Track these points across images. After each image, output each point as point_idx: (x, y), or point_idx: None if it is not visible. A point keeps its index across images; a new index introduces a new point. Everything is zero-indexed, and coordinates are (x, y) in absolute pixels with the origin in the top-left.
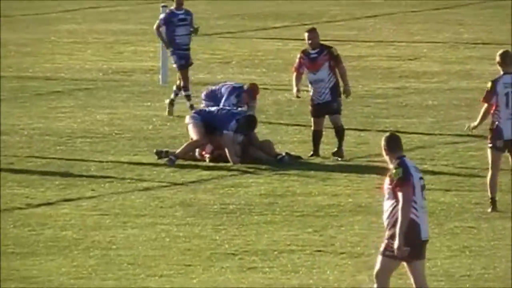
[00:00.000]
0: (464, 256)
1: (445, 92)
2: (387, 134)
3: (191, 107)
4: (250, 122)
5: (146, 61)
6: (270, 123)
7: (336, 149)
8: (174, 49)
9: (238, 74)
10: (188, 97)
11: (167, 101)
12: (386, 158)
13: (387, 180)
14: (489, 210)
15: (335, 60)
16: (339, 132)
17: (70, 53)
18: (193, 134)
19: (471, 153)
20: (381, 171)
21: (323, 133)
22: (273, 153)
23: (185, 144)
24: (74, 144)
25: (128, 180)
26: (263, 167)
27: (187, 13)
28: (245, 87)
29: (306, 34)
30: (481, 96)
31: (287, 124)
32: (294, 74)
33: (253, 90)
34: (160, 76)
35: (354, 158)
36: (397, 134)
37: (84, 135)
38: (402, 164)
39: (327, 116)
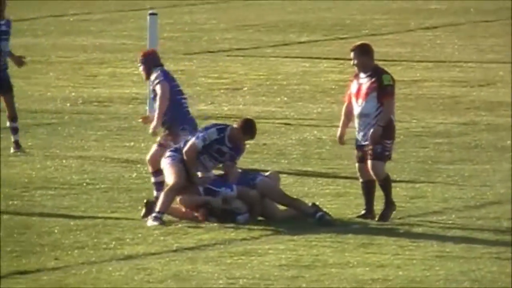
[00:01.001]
0: None
1: None
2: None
3: (16, 144)
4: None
5: (128, 87)
6: (293, 170)
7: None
8: None
9: (251, 105)
10: (14, 130)
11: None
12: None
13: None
14: None
15: (383, 91)
16: (383, 186)
17: (27, 76)
18: (169, 177)
19: None
20: (441, 236)
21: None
22: (304, 208)
23: (162, 194)
24: (32, 198)
25: (104, 246)
26: (284, 228)
27: (8, 23)
28: (229, 130)
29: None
30: None
31: (316, 173)
32: (344, 105)
33: (233, 135)
34: (147, 107)
35: (405, 217)
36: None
37: (45, 185)
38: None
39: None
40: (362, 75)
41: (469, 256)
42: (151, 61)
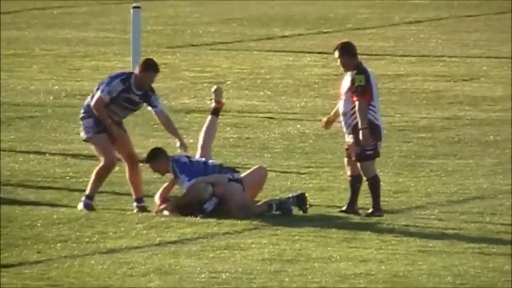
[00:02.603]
0: None
1: (511, 124)
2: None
3: None
4: None
5: None
6: (276, 164)
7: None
8: None
9: (235, 98)
10: None
11: None
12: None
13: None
14: None
15: (354, 91)
16: (369, 186)
17: (10, 69)
18: (99, 156)
19: None
20: (424, 230)
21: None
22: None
23: (93, 174)
24: (14, 191)
25: (87, 240)
26: (267, 223)
27: None
28: (133, 78)
29: None
30: None
31: (300, 166)
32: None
33: (137, 81)
34: None
35: (389, 212)
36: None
37: (27, 179)
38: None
39: None
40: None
41: (452, 251)
42: None
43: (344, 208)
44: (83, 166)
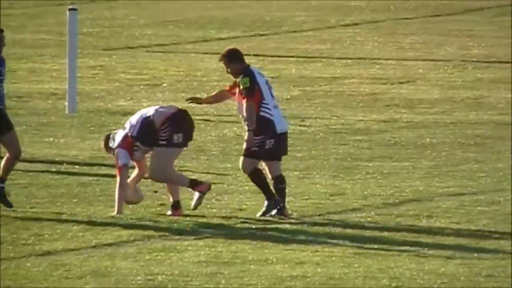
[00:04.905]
0: None
1: (447, 127)
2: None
3: None
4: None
5: (48, 82)
6: (213, 166)
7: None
8: None
9: (171, 101)
10: None
11: None
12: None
13: None
14: None
15: (241, 94)
16: (252, 181)
17: None
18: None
19: (480, 208)
20: (360, 233)
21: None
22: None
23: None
24: None
25: (23, 242)
26: (203, 225)
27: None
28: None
29: None
30: (494, 132)
31: (236, 169)
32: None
33: None
34: (66, 103)
35: (325, 214)
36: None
37: None
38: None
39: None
40: None
41: (387, 254)
42: None
43: (273, 212)
44: (19, 169)
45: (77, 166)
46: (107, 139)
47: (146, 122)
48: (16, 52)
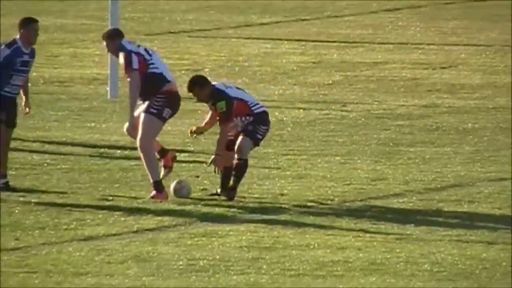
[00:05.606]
0: None
1: (489, 112)
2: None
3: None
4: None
5: (90, 67)
6: (254, 151)
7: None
8: None
9: None
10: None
11: None
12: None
13: None
14: None
15: (219, 117)
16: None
17: None
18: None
19: None
20: (401, 218)
21: None
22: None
23: None
24: None
25: (65, 227)
26: (245, 210)
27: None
28: (18, 40)
29: None
30: None
31: (278, 154)
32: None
33: (23, 37)
34: (108, 88)
35: (366, 199)
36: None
37: None
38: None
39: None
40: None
41: (429, 239)
42: None
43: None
44: (60, 153)
45: (118, 151)
46: None
47: (157, 77)
48: (58, 37)
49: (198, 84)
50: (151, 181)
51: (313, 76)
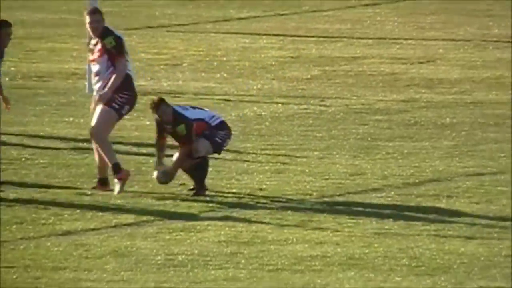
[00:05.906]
0: None
1: (467, 107)
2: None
3: None
4: None
5: (68, 62)
6: (232, 146)
7: None
8: None
9: (191, 81)
10: None
11: None
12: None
13: None
14: None
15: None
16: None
17: None
18: None
19: (500, 188)
20: (380, 213)
21: None
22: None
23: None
24: None
25: (43, 221)
26: (223, 205)
27: None
28: None
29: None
30: None
31: (256, 148)
32: None
33: None
34: (86, 83)
35: (345, 194)
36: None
37: None
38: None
39: None
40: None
41: (407, 233)
42: None
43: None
44: (38, 147)
45: None
46: None
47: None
48: (36, 31)
49: (165, 103)
50: (110, 165)
51: (291, 71)
